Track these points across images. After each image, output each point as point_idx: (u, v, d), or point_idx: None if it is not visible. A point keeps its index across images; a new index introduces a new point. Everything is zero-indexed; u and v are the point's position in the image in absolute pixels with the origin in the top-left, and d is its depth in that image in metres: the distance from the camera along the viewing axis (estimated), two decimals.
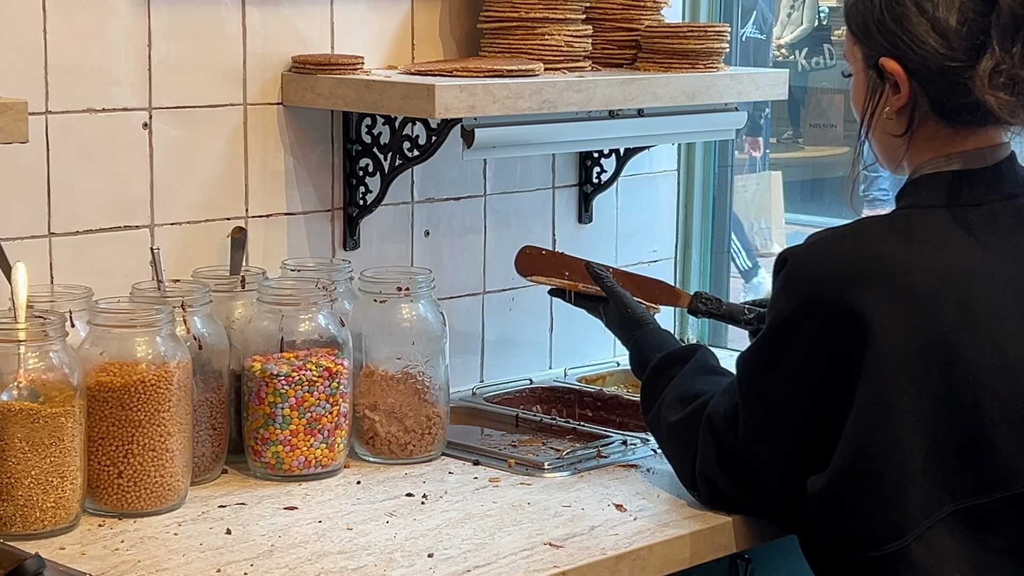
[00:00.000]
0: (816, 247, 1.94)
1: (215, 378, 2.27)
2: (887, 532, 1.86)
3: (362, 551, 2.01)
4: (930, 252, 1.90)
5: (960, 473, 1.86)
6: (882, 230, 1.93)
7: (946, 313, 1.86)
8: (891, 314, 1.85)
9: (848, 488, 1.88)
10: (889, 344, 1.84)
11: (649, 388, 2.27)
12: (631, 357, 2.38)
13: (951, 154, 1.95)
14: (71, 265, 2.32)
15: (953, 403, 1.86)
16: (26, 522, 2.00)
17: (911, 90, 1.93)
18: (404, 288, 2.41)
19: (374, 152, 2.60)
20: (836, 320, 1.87)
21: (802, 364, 1.92)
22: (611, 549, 2.04)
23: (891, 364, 1.85)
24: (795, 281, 1.92)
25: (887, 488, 1.86)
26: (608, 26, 2.75)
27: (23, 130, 1.92)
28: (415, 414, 2.41)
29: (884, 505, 1.86)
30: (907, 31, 1.91)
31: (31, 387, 2.01)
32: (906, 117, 1.95)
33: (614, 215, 3.11)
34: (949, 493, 1.86)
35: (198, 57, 2.43)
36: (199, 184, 2.46)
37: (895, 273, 1.87)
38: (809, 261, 1.92)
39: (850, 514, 1.89)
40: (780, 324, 1.94)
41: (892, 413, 1.85)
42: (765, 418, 1.99)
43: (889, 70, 1.93)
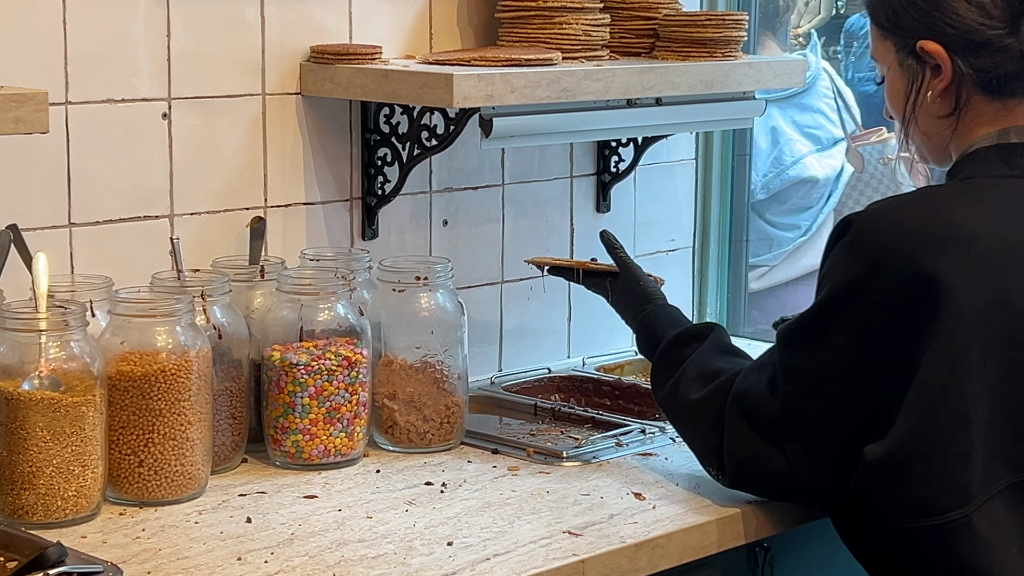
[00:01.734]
0: (883, 211, 1.91)
1: (235, 367, 2.28)
2: (950, 500, 1.84)
3: (382, 539, 2.02)
4: (998, 219, 1.88)
5: (1018, 445, 1.85)
6: (949, 196, 1.92)
7: (1014, 281, 1.85)
8: (961, 278, 1.83)
9: (912, 453, 1.85)
10: (960, 309, 1.82)
11: (663, 365, 2.22)
12: (639, 332, 2.33)
13: (1003, 129, 1.94)
14: (91, 255, 2.33)
15: (1016, 373, 1.85)
16: (48, 511, 2.01)
17: (953, 67, 1.92)
18: (423, 277, 2.42)
19: (392, 142, 2.60)
20: (905, 283, 1.84)
21: (864, 328, 1.88)
22: (630, 537, 2.04)
23: (962, 329, 1.83)
24: (862, 244, 1.88)
25: (952, 455, 1.84)
26: (626, 15, 2.75)
27: (43, 120, 1.92)
28: (434, 403, 2.41)
29: (948, 472, 1.84)
30: (941, 7, 1.91)
31: (52, 376, 2.02)
32: (952, 96, 1.94)
33: (632, 204, 3.11)
34: (1007, 466, 1.85)
35: (217, 47, 2.44)
36: (218, 174, 2.47)
37: (965, 238, 1.85)
38: (876, 224, 1.89)
39: (913, 481, 1.86)
40: (843, 287, 1.89)
41: (961, 379, 1.83)
42: (814, 387, 1.94)
43: (929, 51, 1.93)
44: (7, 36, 2.20)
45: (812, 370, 1.94)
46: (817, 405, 1.94)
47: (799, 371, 1.96)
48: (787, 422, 1.97)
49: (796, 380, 1.96)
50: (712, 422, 2.08)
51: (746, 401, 2.03)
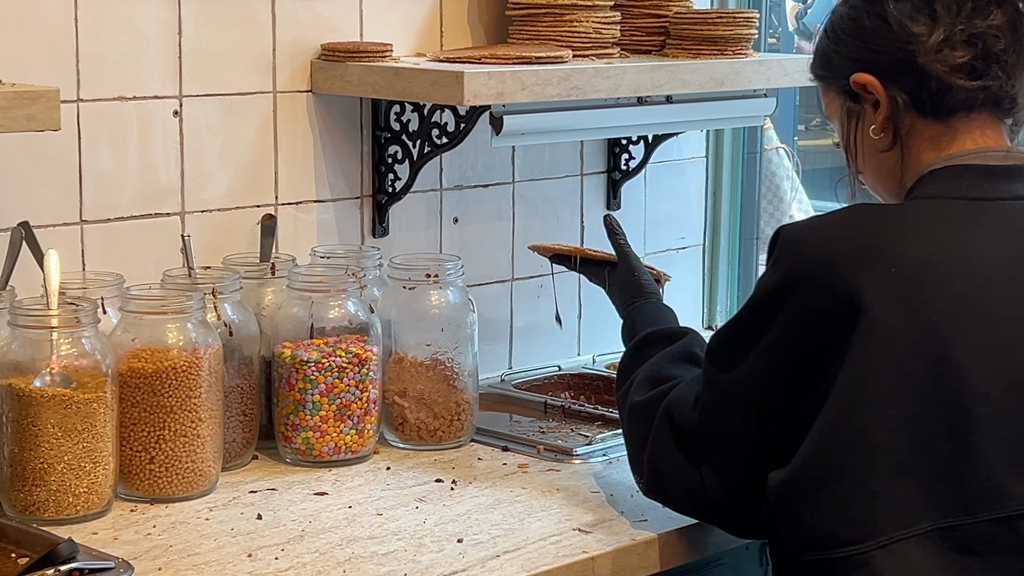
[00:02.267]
0: (811, 223, 1.84)
1: (245, 364, 2.28)
2: (846, 533, 1.71)
3: (392, 536, 2.02)
4: (929, 239, 1.77)
5: (943, 485, 1.70)
6: (880, 213, 1.83)
7: (938, 304, 1.72)
8: (882, 296, 1.71)
9: (810, 480, 1.74)
10: (875, 330, 1.71)
11: (627, 363, 2.15)
12: (623, 326, 2.28)
13: (951, 153, 1.84)
14: (103, 252, 2.33)
15: (939, 404, 1.70)
16: (59, 507, 2.02)
17: (888, 95, 1.85)
18: (433, 275, 2.42)
19: (403, 139, 2.61)
20: (824, 296, 1.74)
21: (782, 341, 1.78)
22: (640, 535, 2.05)
23: (875, 349, 1.71)
24: (786, 255, 1.79)
25: (851, 484, 1.71)
26: (636, 12, 2.75)
27: (55, 118, 1.93)
28: (444, 400, 2.42)
29: (847, 504, 1.71)
30: (863, 36, 1.85)
31: (64, 373, 2.02)
32: (892, 127, 1.86)
33: (642, 202, 3.11)
34: (933, 508, 1.70)
35: (228, 45, 2.44)
36: (229, 171, 2.47)
37: (889, 254, 1.74)
38: (802, 236, 1.80)
39: (810, 509, 1.74)
40: (764, 297, 1.81)
41: (868, 403, 1.71)
42: (729, 403, 1.84)
43: (861, 83, 1.85)
44: (19, 34, 2.20)
45: (727, 385, 1.85)
46: (730, 422, 1.84)
47: (715, 385, 1.87)
48: (703, 438, 1.88)
49: (713, 394, 1.87)
50: (644, 428, 1.99)
51: (674, 412, 1.93)
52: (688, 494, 1.93)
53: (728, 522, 1.93)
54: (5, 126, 1.89)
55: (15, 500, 2.03)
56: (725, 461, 1.86)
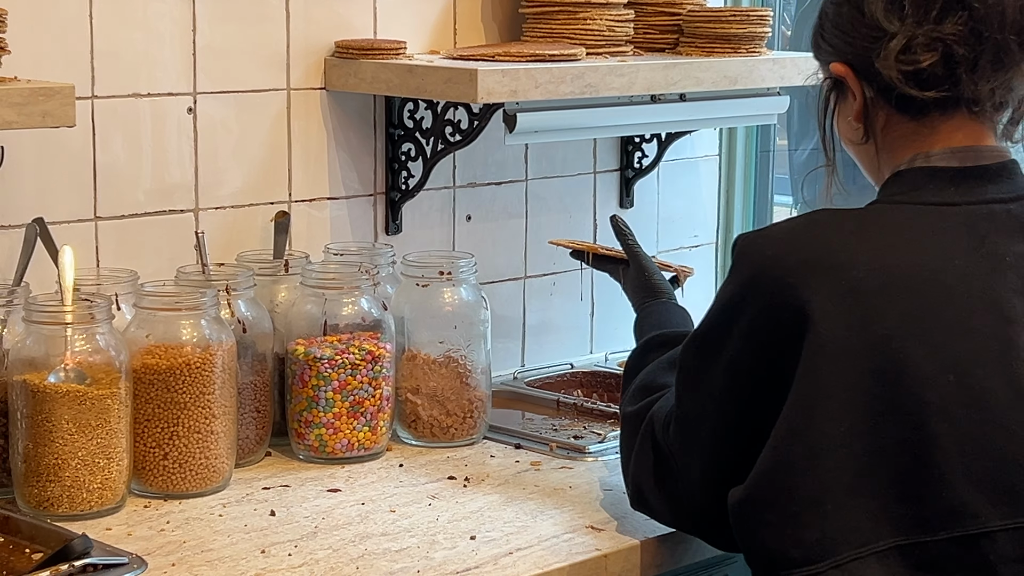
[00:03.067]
0: (765, 232, 1.79)
1: (259, 361, 2.29)
2: (799, 554, 1.66)
3: (405, 533, 2.02)
4: (883, 249, 1.71)
5: (902, 502, 1.65)
6: (836, 221, 1.75)
7: (891, 316, 1.67)
8: (829, 309, 1.67)
9: (762, 499, 1.70)
10: (823, 342, 1.66)
11: (630, 367, 2.13)
12: (634, 326, 2.27)
13: (924, 152, 1.78)
14: (117, 248, 2.34)
15: (894, 420, 1.65)
16: (73, 503, 2.02)
17: (862, 89, 1.80)
18: (446, 272, 2.42)
19: (416, 137, 2.61)
20: (773, 310, 1.70)
21: (738, 356, 1.75)
22: (652, 533, 2.04)
23: (822, 365, 1.66)
24: (739, 265, 1.77)
25: (802, 504, 1.67)
26: (650, 10, 2.75)
27: (70, 114, 1.94)
28: (457, 398, 2.42)
29: (797, 523, 1.67)
30: (840, 27, 1.81)
31: (78, 369, 2.03)
32: (863, 120, 1.82)
33: (655, 200, 3.11)
34: (890, 524, 1.65)
35: (242, 42, 2.44)
36: (243, 168, 2.47)
37: (839, 266, 1.69)
38: (755, 246, 1.76)
39: (763, 529, 1.70)
40: (720, 310, 1.78)
41: (816, 420, 1.66)
42: (698, 415, 1.82)
43: (837, 74, 1.82)
44: (34, 30, 2.21)
45: (693, 401, 1.83)
46: (700, 439, 1.82)
47: (683, 401, 1.85)
48: (678, 453, 1.86)
49: (681, 409, 1.85)
50: (631, 439, 1.98)
51: (655, 425, 1.92)
52: (669, 508, 1.92)
53: (709, 535, 1.90)
54: (20, 122, 1.89)
55: (29, 496, 2.03)
56: (700, 476, 1.83)
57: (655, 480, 1.91)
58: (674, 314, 2.25)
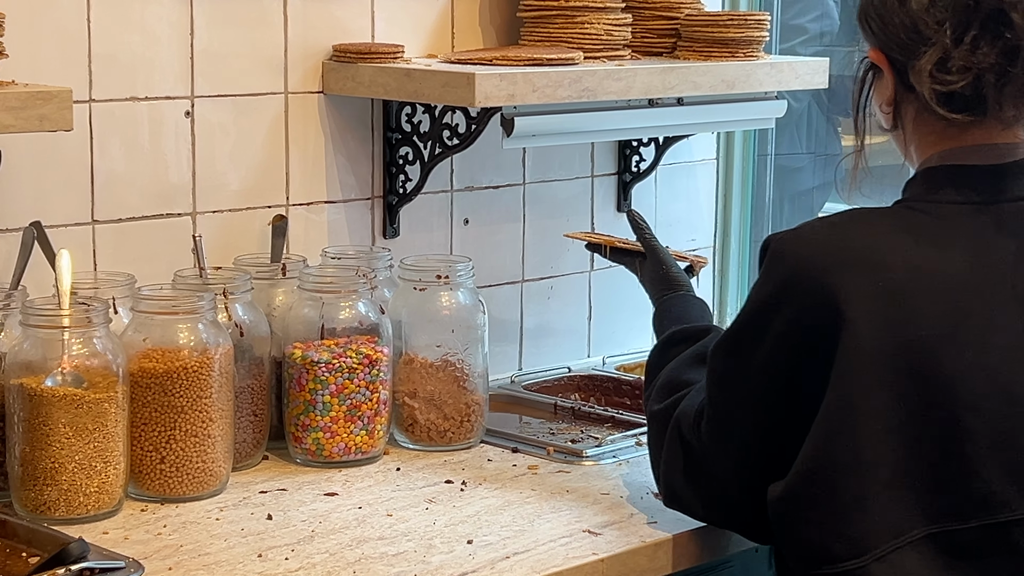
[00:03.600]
0: (800, 232, 1.81)
1: (256, 365, 2.29)
2: (843, 549, 1.71)
3: (402, 537, 2.02)
4: (918, 249, 1.75)
5: (935, 493, 1.71)
6: (870, 221, 1.80)
7: (927, 316, 1.72)
8: (867, 309, 1.71)
9: (805, 497, 1.74)
10: (861, 342, 1.70)
11: (652, 363, 2.14)
12: (653, 318, 2.28)
13: (953, 148, 1.81)
14: (114, 252, 2.34)
15: (928, 414, 1.71)
16: (70, 507, 2.02)
17: (895, 81, 1.83)
18: (443, 276, 2.42)
19: (414, 140, 2.61)
20: (811, 310, 1.73)
21: (773, 356, 1.77)
22: (650, 537, 2.05)
23: (861, 364, 1.70)
24: (773, 266, 1.79)
25: (845, 500, 1.71)
26: (648, 14, 2.75)
27: (67, 118, 1.94)
28: (454, 401, 2.42)
29: (841, 519, 1.71)
30: (884, 19, 1.81)
31: (75, 373, 2.03)
32: (893, 109, 1.85)
33: (653, 204, 3.11)
34: (923, 515, 1.71)
35: (240, 46, 2.45)
36: (240, 172, 2.47)
37: (876, 266, 1.73)
38: (790, 246, 1.78)
39: (806, 525, 1.74)
40: (754, 311, 1.80)
41: (856, 418, 1.71)
42: (732, 415, 1.84)
43: (873, 60, 1.85)
44: (32, 34, 2.21)
45: (726, 402, 1.85)
46: (734, 438, 1.84)
47: (716, 402, 1.86)
48: (710, 452, 1.88)
49: (714, 410, 1.87)
50: (660, 438, 1.99)
51: (682, 424, 1.94)
52: (704, 505, 1.94)
53: (743, 529, 1.94)
54: (18, 126, 1.90)
55: (26, 499, 2.03)
56: (734, 473, 1.86)
57: (686, 477, 1.94)
58: (693, 307, 2.26)
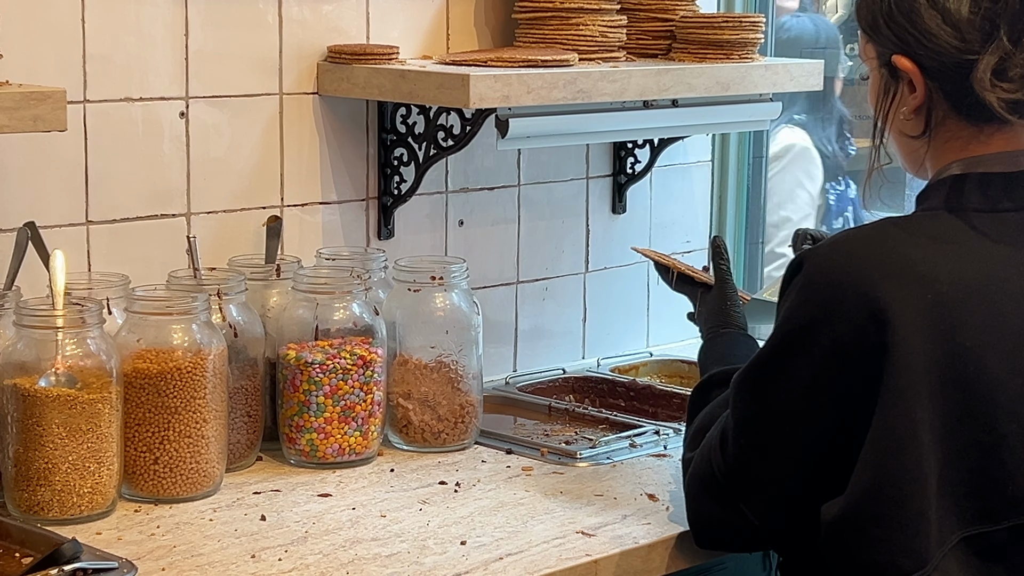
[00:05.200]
0: (837, 248, 1.78)
1: (250, 366, 2.29)
2: (909, 563, 1.70)
3: (395, 538, 2.02)
4: (958, 259, 1.74)
5: (970, 498, 1.72)
6: (907, 232, 1.78)
7: (971, 326, 1.71)
8: (916, 322, 1.70)
9: (868, 514, 1.72)
10: (913, 354, 1.69)
11: (692, 404, 2.10)
12: (701, 351, 2.25)
13: (978, 156, 1.80)
14: (108, 253, 2.34)
15: (969, 422, 1.71)
16: (63, 507, 2.02)
17: (926, 88, 1.79)
18: (438, 277, 2.42)
19: (409, 142, 2.61)
20: (859, 324, 1.71)
21: (818, 375, 1.74)
22: (643, 538, 2.05)
23: (915, 376, 1.69)
24: (815, 283, 1.75)
25: (909, 514, 1.70)
26: (643, 16, 2.75)
27: (61, 118, 1.93)
28: (448, 403, 2.42)
29: (906, 533, 1.70)
30: (917, 25, 1.77)
31: (69, 373, 2.03)
32: (924, 117, 1.81)
33: (648, 205, 3.11)
34: (958, 519, 1.72)
35: (235, 47, 2.44)
36: (235, 173, 2.47)
37: (922, 277, 1.72)
38: (831, 263, 1.75)
39: (871, 543, 1.71)
40: (795, 332, 1.76)
41: (915, 432, 1.70)
42: (768, 439, 1.80)
43: (902, 68, 1.80)
44: (26, 34, 2.21)
45: (764, 428, 1.81)
46: (771, 464, 1.81)
47: (752, 423, 1.82)
48: (741, 482, 1.84)
49: (749, 433, 1.82)
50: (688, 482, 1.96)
51: (701, 464, 1.91)
52: (740, 537, 1.90)
53: (792, 549, 1.89)
54: (12, 126, 1.89)
55: (19, 500, 2.03)
56: (770, 501, 1.83)
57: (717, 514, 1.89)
58: (740, 346, 2.20)
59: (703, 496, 1.91)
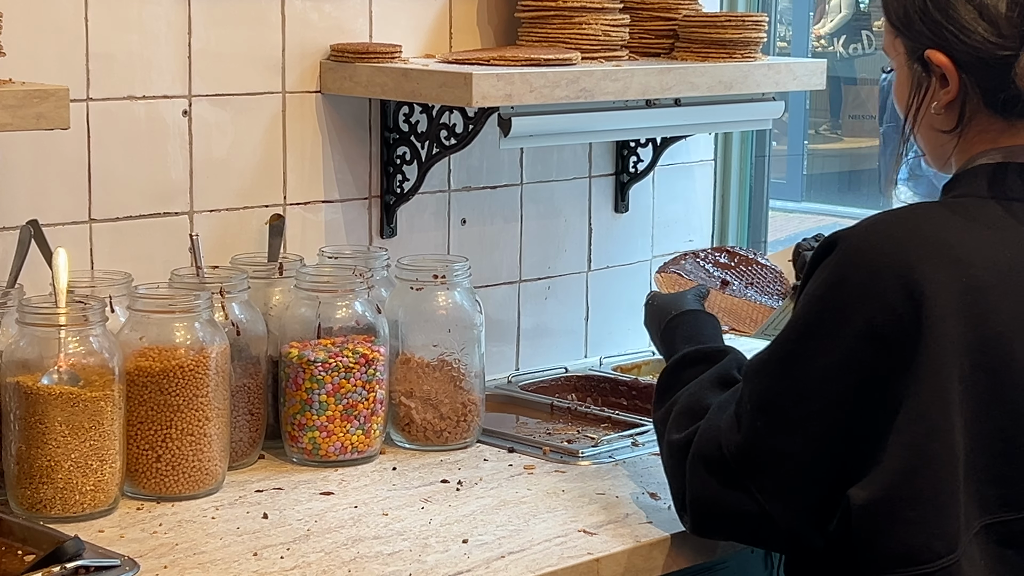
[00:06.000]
0: (873, 229, 1.76)
1: (253, 364, 2.29)
2: (942, 546, 1.69)
3: (397, 536, 2.02)
4: (992, 245, 1.74)
5: (992, 485, 1.72)
6: (943, 216, 1.77)
7: (1003, 311, 1.71)
8: (950, 305, 1.69)
9: (903, 497, 1.70)
10: (947, 338, 1.68)
11: (665, 383, 2.07)
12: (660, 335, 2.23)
13: (1007, 147, 1.80)
14: (111, 251, 2.34)
15: (995, 409, 1.71)
16: (66, 505, 2.02)
17: (960, 83, 1.79)
18: (440, 276, 2.42)
19: (411, 140, 2.61)
20: (894, 308, 1.69)
21: (849, 356, 1.72)
22: (645, 537, 2.05)
23: (948, 360, 1.69)
24: (850, 265, 1.73)
25: (943, 497, 1.70)
26: (645, 15, 2.75)
27: (64, 117, 1.94)
28: (451, 401, 2.42)
29: (940, 515, 1.70)
30: (953, 20, 1.77)
31: (71, 371, 2.03)
32: (956, 111, 1.81)
33: (650, 204, 3.11)
34: (979, 506, 1.72)
35: (238, 45, 2.45)
36: (238, 171, 2.48)
37: (957, 262, 1.71)
38: (868, 244, 1.74)
39: (905, 525, 1.70)
40: (827, 312, 1.74)
41: (949, 414, 1.69)
42: (790, 420, 1.77)
43: (936, 63, 1.79)
44: (30, 33, 2.21)
45: (789, 401, 1.77)
46: (794, 440, 1.77)
47: (773, 403, 1.78)
48: (753, 460, 1.80)
49: (769, 414, 1.78)
50: (681, 467, 1.91)
51: (706, 444, 1.86)
52: (744, 523, 1.84)
53: (795, 542, 1.84)
54: (15, 124, 1.90)
55: (22, 497, 2.03)
56: (788, 482, 1.79)
57: (724, 498, 1.84)
58: (706, 325, 2.20)
59: (707, 478, 1.85)
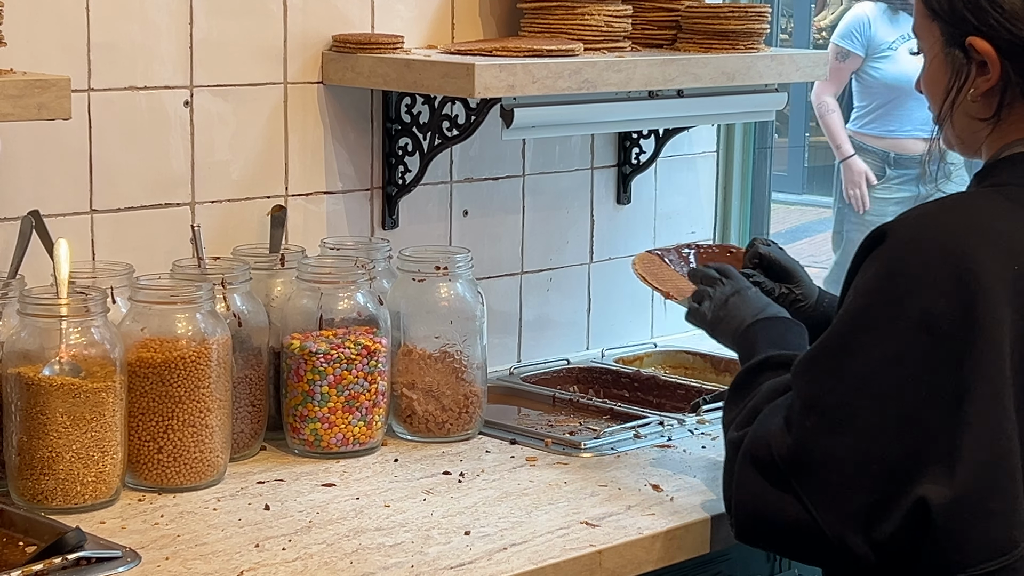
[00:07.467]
0: (926, 218, 1.74)
1: (254, 355, 2.29)
2: (1021, 534, 1.68)
3: (399, 528, 2.02)
4: None
5: None
6: (993, 205, 1.76)
7: None
8: (1003, 295, 1.68)
9: (986, 488, 1.67)
10: (1003, 328, 1.67)
11: (739, 383, 2.00)
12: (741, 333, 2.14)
13: None
14: (112, 242, 2.34)
15: None
16: (67, 496, 2.02)
17: (1002, 71, 1.77)
18: (442, 267, 2.42)
19: (413, 131, 2.61)
20: (950, 297, 1.67)
21: (903, 348, 1.69)
22: (647, 529, 2.05)
23: (1004, 351, 1.67)
24: (903, 254, 1.71)
25: (1019, 486, 1.69)
26: (648, 6, 2.75)
27: (66, 107, 1.93)
28: (452, 393, 2.42)
29: (1017, 505, 1.69)
30: (999, 7, 1.75)
31: (73, 362, 2.03)
32: (994, 99, 1.79)
33: (653, 196, 3.11)
34: None
35: (239, 35, 2.44)
36: (239, 162, 2.47)
37: (1010, 251, 1.70)
38: (921, 233, 1.72)
39: (991, 516, 1.67)
40: (879, 304, 1.71)
41: (1009, 405, 1.68)
42: (842, 419, 1.72)
43: (979, 49, 1.77)
44: (31, 22, 2.20)
45: (840, 399, 1.73)
46: (845, 439, 1.72)
47: (823, 400, 1.74)
48: (802, 461, 1.74)
49: (819, 412, 1.73)
50: (731, 465, 1.86)
51: (756, 445, 1.80)
52: (791, 530, 1.78)
53: (841, 550, 1.75)
54: (16, 114, 1.89)
55: (23, 489, 2.03)
56: (839, 484, 1.73)
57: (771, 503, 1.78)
58: (794, 335, 2.12)
59: (755, 480, 1.80)
